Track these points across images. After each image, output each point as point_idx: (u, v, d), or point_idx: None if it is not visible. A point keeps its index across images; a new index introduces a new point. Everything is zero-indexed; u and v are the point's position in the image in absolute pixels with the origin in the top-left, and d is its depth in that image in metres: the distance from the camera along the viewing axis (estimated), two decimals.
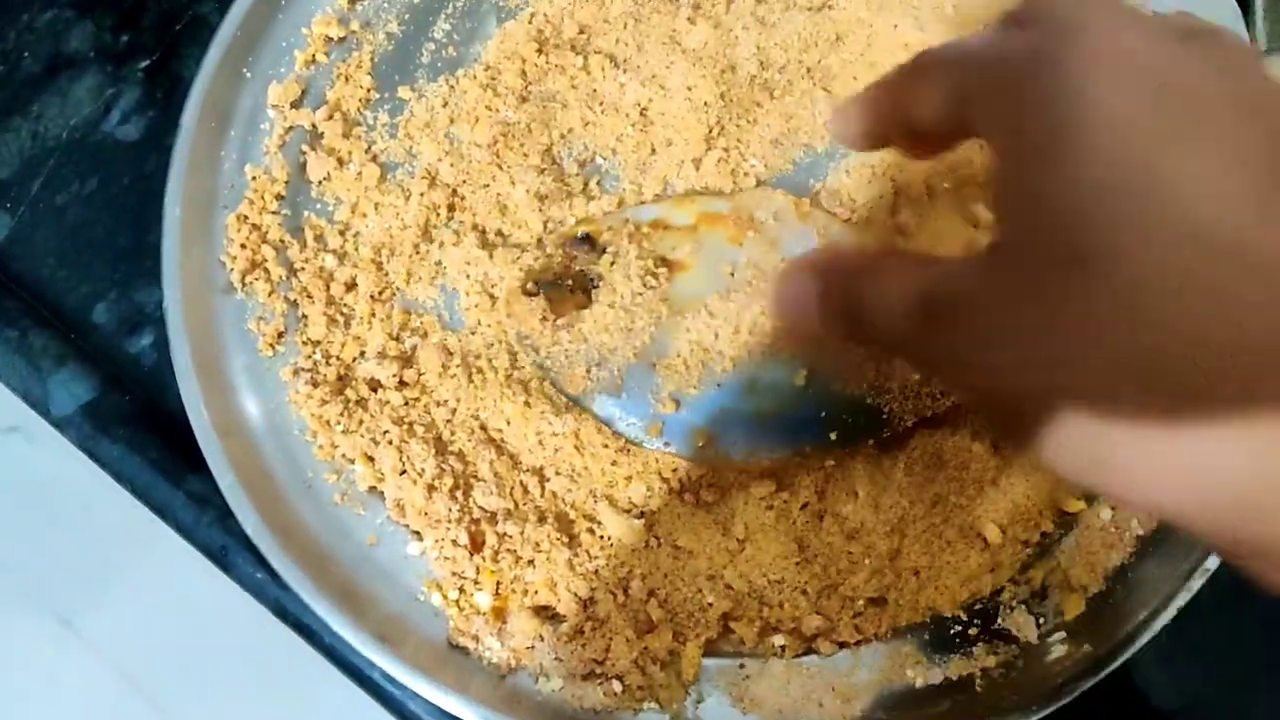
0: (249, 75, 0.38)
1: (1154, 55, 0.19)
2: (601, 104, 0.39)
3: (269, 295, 0.36)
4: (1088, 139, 0.18)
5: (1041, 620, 0.34)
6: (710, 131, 0.38)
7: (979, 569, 0.34)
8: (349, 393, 0.35)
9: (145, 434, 0.36)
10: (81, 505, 1.02)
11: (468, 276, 0.37)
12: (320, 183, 0.38)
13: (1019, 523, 0.34)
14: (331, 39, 0.39)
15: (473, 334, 0.37)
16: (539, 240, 0.37)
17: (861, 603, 0.33)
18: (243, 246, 0.37)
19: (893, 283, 0.24)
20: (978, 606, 0.34)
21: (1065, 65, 0.19)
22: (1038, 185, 0.19)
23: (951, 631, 0.34)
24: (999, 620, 0.34)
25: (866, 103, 0.25)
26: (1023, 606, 0.34)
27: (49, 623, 1.01)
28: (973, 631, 0.34)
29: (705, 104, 0.39)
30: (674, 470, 0.35)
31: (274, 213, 0.37)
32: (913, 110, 0.25)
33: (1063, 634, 0.33)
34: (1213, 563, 0.32)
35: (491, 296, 0.37)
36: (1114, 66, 0.19)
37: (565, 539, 0.34)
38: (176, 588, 0.98)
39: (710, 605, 0.33)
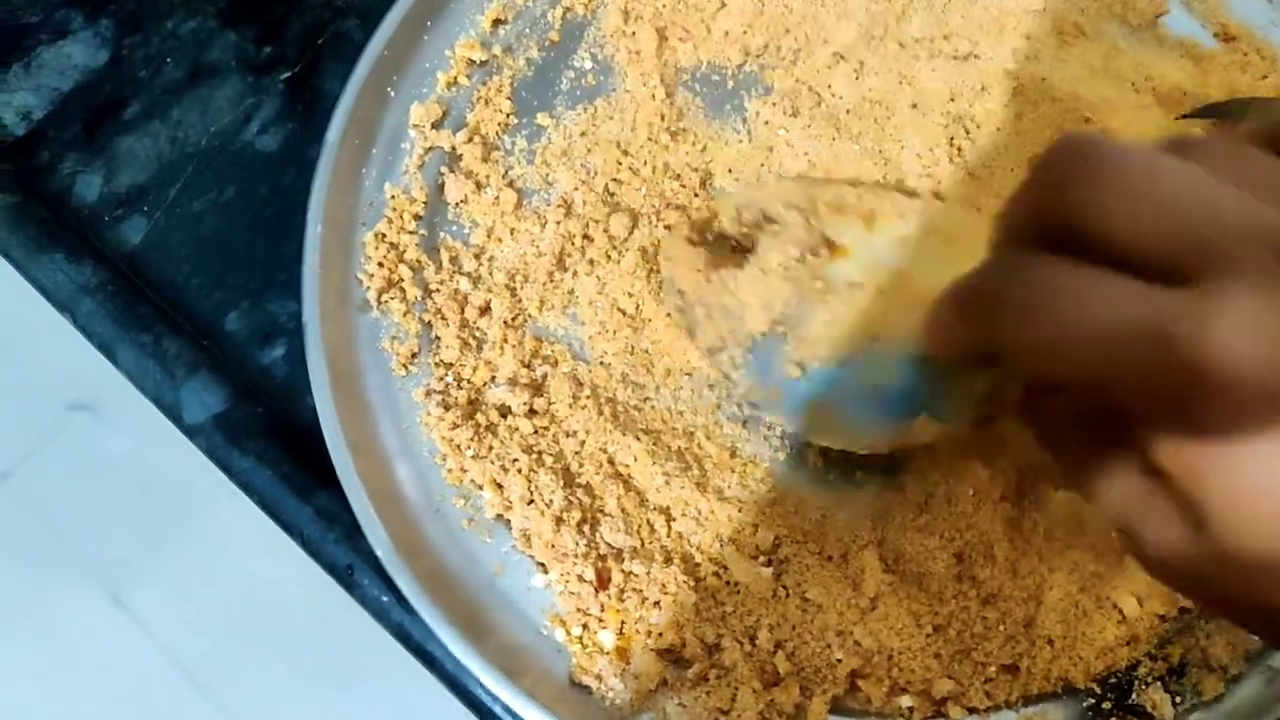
0: (392, 95, 0.39)
1: None
2: (741, 140, 0.39)
3: (404, 315, 0.36)
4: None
5: (1178, 699, 0.33)
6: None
7: (1115, 641, 0.33)
8: (479, 418, 0.35)
9: (276, 448, 0.36)
10: (142, 485, 1.04)
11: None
12: (458, 205, 0.38)
13: (1157, 596, 0.33)
14: (474, 62, 0.40)
15: (602, 365, 0.36)
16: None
17: (994, 669, 0.33)
18: (380, 265, 0.37)
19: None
20: (1112, 680, 0.33)
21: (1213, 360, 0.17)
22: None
23: (1084, 704, 0.33)
24: (1133, 696, 0.33)
25: (933, 325, 0.25)
26: (1159, 683, 0.33)
27: (102, 599, 1.03)
28: (1106, 705, 0.33)
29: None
30: (797, 520, 0.35)
31: (411, 232, 0.38)
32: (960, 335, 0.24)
33: (1200, 715, 0.32)
34: None
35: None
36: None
37: (691, 582, 0.33)
38: (231, 572, 0.99)
39: (839, 661, 0.32)
